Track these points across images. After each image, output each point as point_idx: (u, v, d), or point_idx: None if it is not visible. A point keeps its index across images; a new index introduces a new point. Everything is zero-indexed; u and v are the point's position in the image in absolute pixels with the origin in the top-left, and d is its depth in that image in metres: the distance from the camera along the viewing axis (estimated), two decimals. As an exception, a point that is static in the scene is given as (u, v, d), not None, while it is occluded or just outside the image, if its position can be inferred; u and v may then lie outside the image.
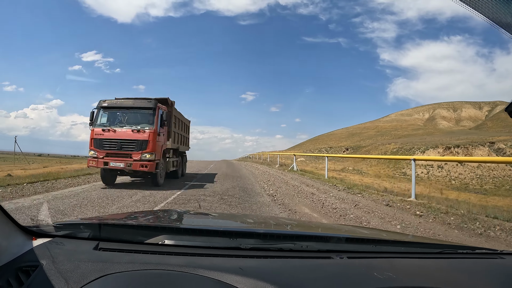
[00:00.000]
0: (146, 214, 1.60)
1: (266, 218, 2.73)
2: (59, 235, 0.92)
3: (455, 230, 4.12)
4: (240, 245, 0.93)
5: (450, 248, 1.22)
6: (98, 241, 0.89)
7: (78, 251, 0.84)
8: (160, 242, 0.90)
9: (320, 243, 1.06)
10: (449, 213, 4.83)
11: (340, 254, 0.95)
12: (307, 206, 5.70)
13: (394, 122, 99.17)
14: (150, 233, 0.96)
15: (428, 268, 0.98)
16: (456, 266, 1.03)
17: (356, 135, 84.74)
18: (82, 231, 0.96)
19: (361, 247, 1.11)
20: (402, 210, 5.26)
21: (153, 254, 0.83)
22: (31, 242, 0.86)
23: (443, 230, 4.07)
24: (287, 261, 0.89)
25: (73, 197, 5.65)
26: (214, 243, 0.95)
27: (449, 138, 40.77)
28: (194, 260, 0.81)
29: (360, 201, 6.15)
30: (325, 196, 6.71)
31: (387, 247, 1.16)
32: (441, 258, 1.08)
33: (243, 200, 6.00)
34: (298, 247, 0.98)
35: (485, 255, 1.16)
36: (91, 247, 0.85)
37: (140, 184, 7.98)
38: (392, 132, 79.34)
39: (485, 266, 1.06)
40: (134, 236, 0.95)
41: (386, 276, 0.82)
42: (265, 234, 1.08)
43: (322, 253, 0.99)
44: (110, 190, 6.58)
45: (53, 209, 4.47)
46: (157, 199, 5.76)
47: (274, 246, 0.98)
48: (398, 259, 1.02)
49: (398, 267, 0.94)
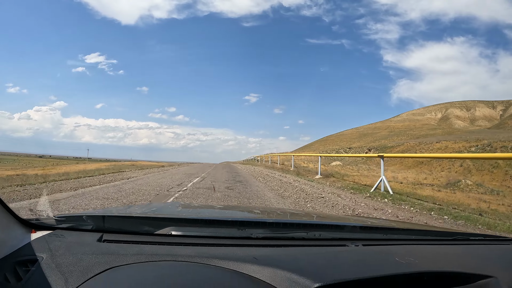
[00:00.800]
0: (151, 206, 1.64)
1: (273, 209, 2.72)
2: (60, 227, 0.87)
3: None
4: (251, 234, 0.91)
5: (461, 235, 1.25)
6: (102, 232, 0.84)
7: (81, 243, 0.79)
8: (167, 233, 0.87)
9: (333, 232, 1.04)
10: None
11: (355, 242, 0.95)
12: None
13: (406, 122, 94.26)
14: (156, 223, 0.91)
15: (445, 254, 1.00)
16: (471, 251, 1.06)
17: (368, 136, 79.70)
18: (85, 223, 0.90)
19: (374, 235, 1.11)
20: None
21: (160, 245, 0.80)
22: (30, 235, 0.82)
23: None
24: (302, 249, 0.87)
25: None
26: (223, 233, 0.92)
27: (490, 136, 35.36)
28: (204, 250, 0.79)
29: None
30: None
31: (399, 235, 1.15)
32: (455, 244, 1.11)
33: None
34: (310, 236, 0.97)
35: (497, 242, 1.21)
36: (95, 239, 0.81)
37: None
38: (407, 132, 74.25)
39: (499, 252, 1.09)
40: (140, 227, 0.90)
41: (408, 261, 0.82)
42: (276, 224, 1.01)
43: (336, 241, 0.97)
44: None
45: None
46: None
47: (286, 235, 0.95)
48: (413, 246, 1.03)
49: (416, 253, 0.94)
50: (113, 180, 8.54)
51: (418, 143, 35.36)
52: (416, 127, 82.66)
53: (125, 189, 6.56)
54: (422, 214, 5.26)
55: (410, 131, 75.20)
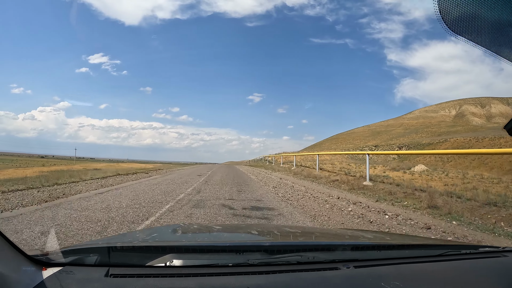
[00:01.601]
0: (151, 232, 1.59)
1: (270, 227, 2.55)
2: (68, 262, 0.89)
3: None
4: (248, 260, 0.93)
5: (453, 248, 1.25)
6: (108, 266, 0.87)
7: (90, 279, 0.82)
8: (168, 263, 0.89)
9: (326, 253, 1.06)
10: None
11: (347, 264, 0.97)
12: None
13: (420, 119, 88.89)
14: (158, 254, 0.93)
15: (433, 272, 1.00)
16: (460, 267, 1.07)
17: (383, 133, 74.23)
18: (91, 257, 0.92)
19: (367, 254, 1.12)
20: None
21: (163, 277, 0.83)
22: (41, 272, 0.83)
23: None
24: (295, 275, 0.90)
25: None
26: (222, 260, 0.94)
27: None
28: (204, 281, 0.82)
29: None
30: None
31: (392, 252, 1.17)
32: (444, 260, 1.10)
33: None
34: (304, 259, 0.98)
35: (488, 254, 1.19)
36: (102, 274, 0.83)
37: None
38: (424, 129, 68.76)
39: (488, 265, 1.09)
40: (143, 260, 0.92)
41: (393, 285, 0.83)
42: (271, 248, 1.04)
43: (329, 263, 0.99)
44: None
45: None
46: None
47: (281, 260, 0.97)
48: (403, 265, 1.04)
49: (404, 273, 0.96)
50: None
51: (472, 138, 29.52)
52: (433, 124, 77.24)
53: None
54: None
55: (427, 128, 69.78)
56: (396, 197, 6.01)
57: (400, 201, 5.62)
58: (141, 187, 7.85)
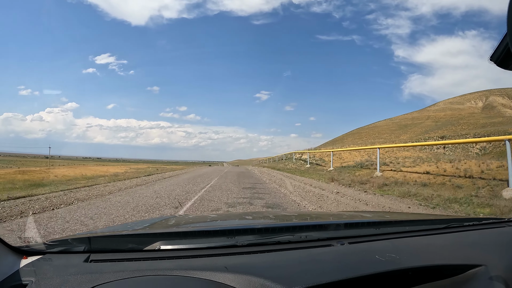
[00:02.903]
0: (143, 223, 1.53)
1: (265, 213, 2.55)
2: (49, 251, 0.87)
3: None
4: (237, 242, 0.91)
5: (456, 221, 1.21)
6: (89, 253, 0.85)
7: (68, 265, 0.80)
8: (156, 248, 0.87)
9: (319, 232, 1.02)
10: None
11: (341, 241, 0.94)
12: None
13: (447, 111, 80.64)
14: (145, 240, 0.91)
15: (433, 245, 0.98)
16: (463, 239, 1.04)
17: (411, 126, 66.05)
18: (73, 246, 0.90)
19: (363, 231, 1.07)
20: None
21: (145, 260, 0.81)
22: (21, 261, 0.82)
23: None
24: (284, 254, 0.87)
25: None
26: (211, 243, 0.92)
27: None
28: (186, 262, 0.80)
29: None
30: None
31: (390, 228, 1.13)
32: (447, 233, 1.07)
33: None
34: (296, 238, 0.96)
35: (492, 225, 1.15)
36: (82, 260, 0.82)
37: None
38: (459, 121, 60.46)
39: (493, 236, 1.06)
40: (125, 245, 0.90)
41: (389, 257, 0.82)
42: (263, 229, 1.01)
43: (322, 241, 0.96)
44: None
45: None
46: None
47: (271, 240, 0.94)
48: (401, 239, 1.01)
49: (401, 247, 0.93)
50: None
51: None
52: (464, 116, 68.99)
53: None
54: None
55: (462, 120, 61.54)
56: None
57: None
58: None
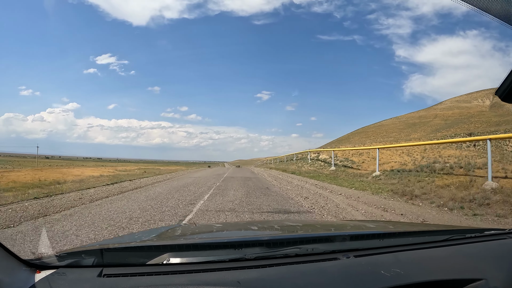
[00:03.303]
0: (150, 233, 1.56)
1: (270, 223, 2.44)
2: (62, 265, 0.87)
3: None
4: (245, 255, 0.91)
5: (458, 233, 1.21)
6: (102, 267, 0.85)
7: (82, 279, 0.81)
8: (165, 262, 0.87)
9: (325, 244, 1.02)
10: None
11: (347, 254, 0.95)
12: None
13: (455, 110, 78.27)
14: (154, 253, 0.91)
15: (435, 258, 0.97)
16: (464, 252, 1.03)
17: (419, 125, 63.60)
18: (85, 259, 0.90)
19: (367, 243, 1.08)
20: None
21: (157, 275, 0.82)
22: (35, 275, 0.82)
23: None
24: (292, 267, 0.88)
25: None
26: (219, 256, 0.92)
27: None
28: (198, 277, 0.81)
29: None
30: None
31: (394, 240, 1.14)
32: (449, 245, 1.07)
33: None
34: (303, 251, 0.96)
35: (494, 236, 1.15)
36: (95, 274, 0.82)
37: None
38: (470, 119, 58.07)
39: (494, 248, 1.06)
40: (138, 259, 0.90)
41: (393, 273, 0.82)
42: (270, 241, 1.02)
43: (328, 254, 0.96)
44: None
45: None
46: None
47: (279, 253, 0.94)
48: (404, 252, 1.01)
49: (405, 261, 0.93)
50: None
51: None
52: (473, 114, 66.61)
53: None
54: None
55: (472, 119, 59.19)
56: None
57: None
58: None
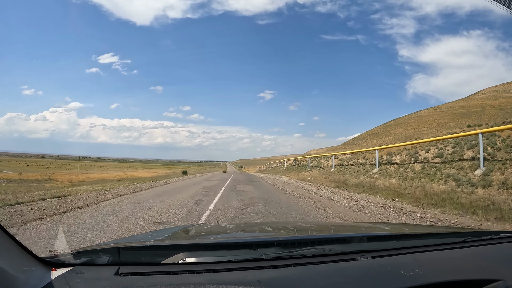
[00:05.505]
0: (164, 232, 1.55)
1: (285, 224, 2.55)
2: (78, 263, 0.88)
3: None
4: (262, 255, 0.91)
5: (473, 235, 1.20)
6: (119, 266, 0.85)
7: (99, 278, 0.81)
8: (181, 261, 0.88)
9: (342, 245, 1.03)
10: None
11: (364, 254, 0.95)
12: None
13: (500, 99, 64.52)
14: (170, 252, 0.92)
15: (452, 259, 0.98)
16: (480, 253, 1.04)
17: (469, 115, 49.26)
18: (101, 257, 0.90)
19: (384, 245, 1.08)
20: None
21: (174, 274, 0.82)
22: (51, 273, 0.82)
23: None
24: (310, 268, 0.88)
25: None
26: (235, 256, 0.92)
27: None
28: (216, 276, 0.81)
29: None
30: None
31: (410, 241, 1.14)
32: (465, 247, 1.08)
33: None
34: (320, 252, 0.96)
35: (509, 239, 1.15)
36: (112, 273, 0.82)
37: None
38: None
39: (509, 249, 1.07)
40: (154, 258, 0.91)
41: (413, 273, 0.82)
42: (286, 242, 1.02)
43: (345, 255, 0.96)
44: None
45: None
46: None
47: (296, 253, 0.95)
48: (422, 253, 1.01)
49: (423, 261, 0.93)
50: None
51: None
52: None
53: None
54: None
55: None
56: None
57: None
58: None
